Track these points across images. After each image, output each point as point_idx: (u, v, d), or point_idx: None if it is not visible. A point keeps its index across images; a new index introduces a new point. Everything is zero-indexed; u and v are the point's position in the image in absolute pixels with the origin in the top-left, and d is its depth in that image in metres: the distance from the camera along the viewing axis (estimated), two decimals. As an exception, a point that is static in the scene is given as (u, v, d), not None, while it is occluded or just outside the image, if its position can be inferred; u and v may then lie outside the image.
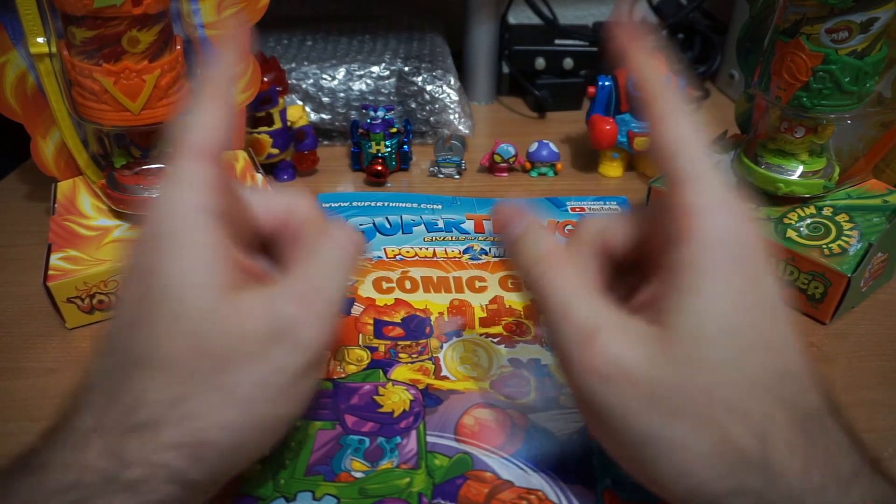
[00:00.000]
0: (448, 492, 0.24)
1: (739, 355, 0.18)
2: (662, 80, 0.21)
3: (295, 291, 0.20)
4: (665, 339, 0.18)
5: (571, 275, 0.20)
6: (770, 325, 0.19)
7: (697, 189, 0.19)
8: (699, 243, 0.19)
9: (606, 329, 0.19)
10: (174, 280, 0.19)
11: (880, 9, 0.30)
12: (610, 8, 0.67)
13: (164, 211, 0.20)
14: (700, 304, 0.18)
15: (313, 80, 0.49)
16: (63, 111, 0.34)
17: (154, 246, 0.19)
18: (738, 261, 0.19)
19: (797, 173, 0.35)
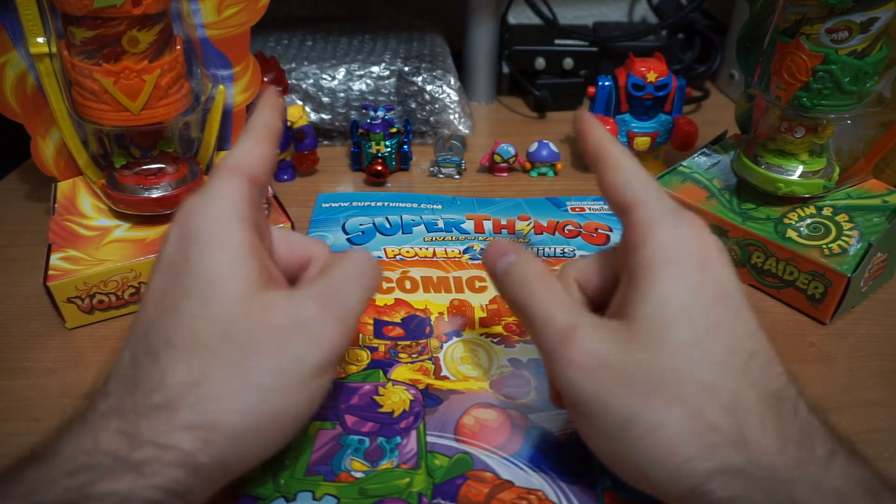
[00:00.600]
0: (448, 492, 0.24)
1: (700, 336, 0.20)
2: (613, 142, 0.25)
3: (316, 294, 0.22)
4: (632, 327, 0.20)
5: (553, 290, 0.23)
6: (728, 311, 0.21)
7: (647, 207, 0.22)
8: (653, 245, 0.21)
9: (583, 327, 0.21)
10: (208, 269, 0.20)
11: (880, 9, 0.30)
12: (610, 8, 0.67)
13: (200, 213, 0.21)
14: (658, 292, 0.20)
15: (313, 80, 0.49)
16: (63, 111, 0.34)
17: (188, 242, 0.21)
18: (690, 256, 0.21)
19: (797, 173, 0.35)
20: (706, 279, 0.21)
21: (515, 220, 0.41)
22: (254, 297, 0.21)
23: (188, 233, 0.21)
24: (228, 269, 0.21)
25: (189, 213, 0.22)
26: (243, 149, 0.24)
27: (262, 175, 0.24)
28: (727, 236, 0.37)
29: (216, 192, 0.22)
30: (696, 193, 0.39)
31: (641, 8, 0.66)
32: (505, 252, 0.25)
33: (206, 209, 0.21)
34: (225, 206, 0.22)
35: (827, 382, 0.30)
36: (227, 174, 0.22)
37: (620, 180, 0.23)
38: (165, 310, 0.20)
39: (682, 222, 0.22)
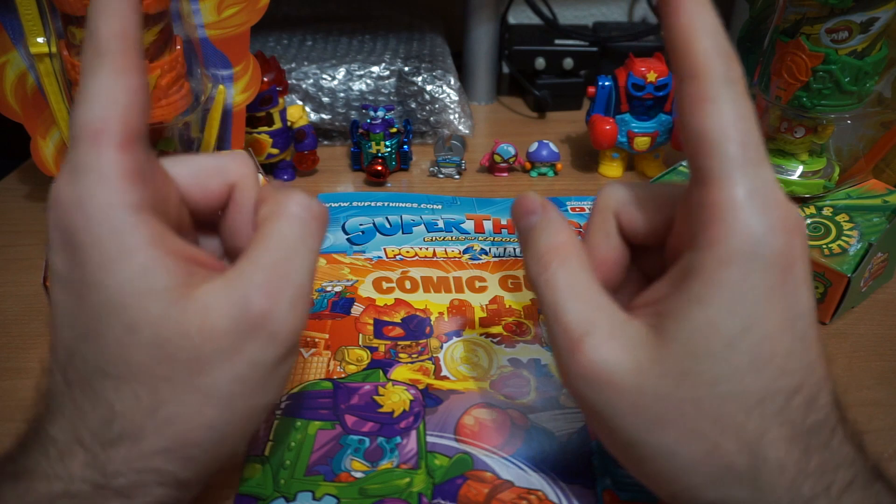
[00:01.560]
0: (448, 492, 0.24)
1: (740, 373, 0.17)
2: (716, 46, 0.17)
3: (261, 281, 0.18)
4: (659, 346, 0.17)
5: (570, 272, 0.19)
6: (787, 341, 0.17)
7: (731, 187, 0.17)
8: (718, 252, 0.17)
9: (596, 333, 0.18)
10: (118, 292, 0.17)
11: (880, 9, 0.30)
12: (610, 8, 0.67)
13: (79, 214, 0.17)
14: (704, 316, 0.17)
15: (313, 80, 0.49)
16: (63, 111, 0.34)
17: (78, 255, 0.17)
18: (767, 278, 0.17)
19: (797, 173, 0.36)
20: (776, 306, 0.17)
21: (515, 220, 0.41)
22: (184, 308, 0.17)
23: (73, 242, 0.17)
24: (140, 286, 0.17)
25: (65, 213, 0.17)
26: (103, 93, 0.17)
27: (139, 125, 0.17)
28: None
29: (88, 178, 0.17)
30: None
31: (641, 8, 0.66)
32: (531, 210, 0.21)
33: (85, 207, 0.16)
34: (110, 197, 0.16)
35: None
36: (95, 146, 0.17)
37: (708, 127, 0.17)
38: (83, 336, 0.17)
39: (769, 225, 0.16)
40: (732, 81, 0.17)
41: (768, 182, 0.17)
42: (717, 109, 0.17)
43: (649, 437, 0.18)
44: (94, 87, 0.17)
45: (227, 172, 0.21)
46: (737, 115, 0.17)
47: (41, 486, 0.17)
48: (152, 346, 0.17)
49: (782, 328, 0.17)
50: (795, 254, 0.17)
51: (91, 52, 0.17)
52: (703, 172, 0.17)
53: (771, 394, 0.17)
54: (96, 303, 0.17)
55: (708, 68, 0.17)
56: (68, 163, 0.17)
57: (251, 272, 0.18)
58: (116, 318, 0.17)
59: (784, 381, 0.17)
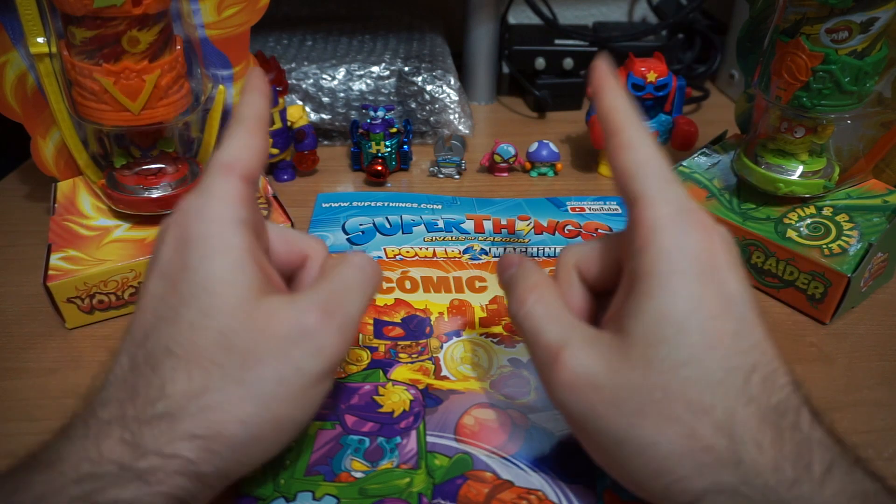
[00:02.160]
0: (448, 492, 0.24)
1: (696, 354, 0.19)
2: (628, 112, 0.22)
3: (318, 302, 0.21)
4: (624, 344, 0.20)
5: (544, 303, 0.22)
6: (731, 323, 0.19)
7: (653, 205, 0.20)
8: (656, 252, 0.20)
9: (572, 345, 0.21)
10: (207, 278, 0.20)
11: (880, 9, 0.30)
12: (610, 8, 0.67)
13: (198, 216, 0.21)
14: (655, 306, 0.19)
15: (313, 80, 0.49)
16: (63, 111, 0.34)
17: (187, 247, 0.20)
18: (695, 266, 0.19)
19: (797, 173, 0.35)
20: (710, 290, 0.19)
21: (515, 220, 0.41)
22: (254, 306, 0.20)
23: (186, 237, 0.21)
24: (228, 277, 0.20)
25: (186, 216, 0.21)
26: (236, 143, 0.23)
27: (257, 170, 0.23)
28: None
29: (213, 194, 0.21)
30: (696, 193, 0.38)
31: (641, 8, 0.66)
32: (510, 264, 0.25)
33: (204, 212, 0.21)
34: (223, 209, 0.21)
35: (827, 382, 0.30)
36: (223, 173, 0.22)
37: (629, 165, 0.21)
38: (164, 317, 0.20)
39: (689, 226, 0.20)
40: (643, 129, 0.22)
41: (682, 195, 0.21)
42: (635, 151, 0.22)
43: (631, 431, 0.19)
44: (232, 139, 0.23)
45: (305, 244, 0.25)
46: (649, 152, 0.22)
47: (69, 470, 0.18)
48: (219, 332, 0.19)
49: (722, 311, 0.19)
50: (715, 246, 0.20)
51: (234, 120, 0.24)
52: (631, 196, 0.21)
53: (728, 372, 0.19)
54: (187, 287, 0.20)
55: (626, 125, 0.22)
56: (200, 185, 0.22)
57: (313, 294, 0.22)
58: (198, 301, 0.20)
59: (737, 359, 0.19)
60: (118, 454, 0.18)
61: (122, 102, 0.31)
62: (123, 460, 0.18)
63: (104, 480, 0.18)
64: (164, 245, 0.21)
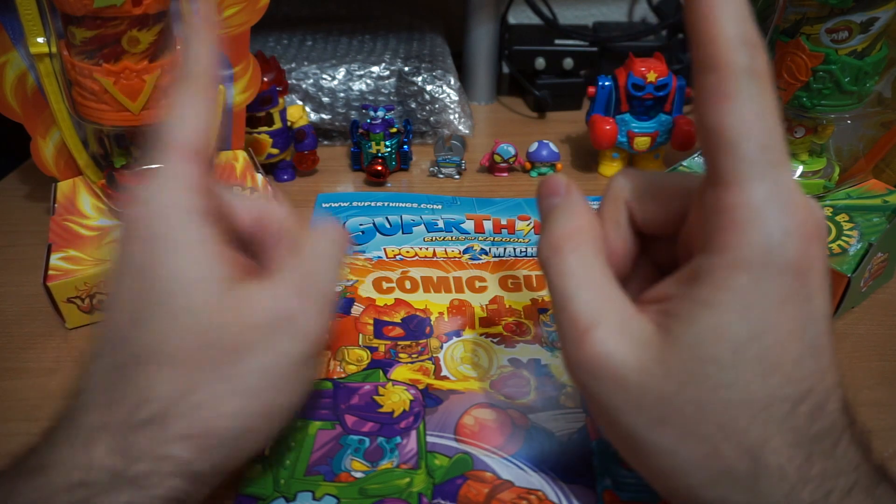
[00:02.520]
0: (448, 492, 0.24)
1: (747, 380, 0.16)
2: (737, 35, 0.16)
3: (293, 283, 0.21)
4: (665, 347, 0.17)
5: (582, 259, 0.19)
6: (798, 350, 0.16)
7: (746, 192, 0.16)
8: (731, 257, 0.16)
9: (604, 325, 0.18)
10: (174, 277, 0.19)
11: (880, 9, 0.30)
12: (610, 8, 0.67)
13: (154, 211, 0.20)
14: (712, 321, 0.16)
15: (313, 80, 0.49)
16: (63, 111, 0.34)
17: (147, 246, 0.20)
18: (773, 283, 0.16)
19: (797, 173, 0.36)
20: (789, 310, 0.16)
21: (515, 220, 0.41)
22: (227, 298, 0.19)
23: (143, 234, 0.20)
24: (196, 274, 0.19)
25: (144, 211, 0.20)
26: (187, 116, 0.21)
27: (209, 143, 0.21)
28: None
29: (165, 184, 0.20)
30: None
31: (641, 8, 0.66)
32: (554, 191, 0.21)
33: (158, 206, 0.20)
34: (177, 199, 0.20)
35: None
36: (172, 157, 0.20)
37: (726, 125, 0.16)
38: (137, 321, 0.19)
39: (787, 226, 0.16)
40: (756, 75, 0.16)
41: (787, 185, 0.16)
42: (736, 107, 0.16)
43: (649, 434, 0.18)
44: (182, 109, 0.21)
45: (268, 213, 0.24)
46: (757, 113, 0.16)
47: (59, 478, 0.17)
48: (193, 332, 0.19)
49: (792, 336, 0.16)
50: (812, 261, 0.16)
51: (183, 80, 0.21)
52: (718, 173, 0.16)
53: (777, 401, 0.16)
54: (151, 289, 0.19)
55: (729, 60, 0.16)
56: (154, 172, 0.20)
57: (286, 276, 0.21)
58: (166, 304, 0.19)
59: (791, 388, 0.17)
60: (109, 461, 0.18)
61: (122, 102, 0.31)
62: (115, 467, 0.18)
63: (96, 488, 0.17)
64: (128, 243, 0.20)
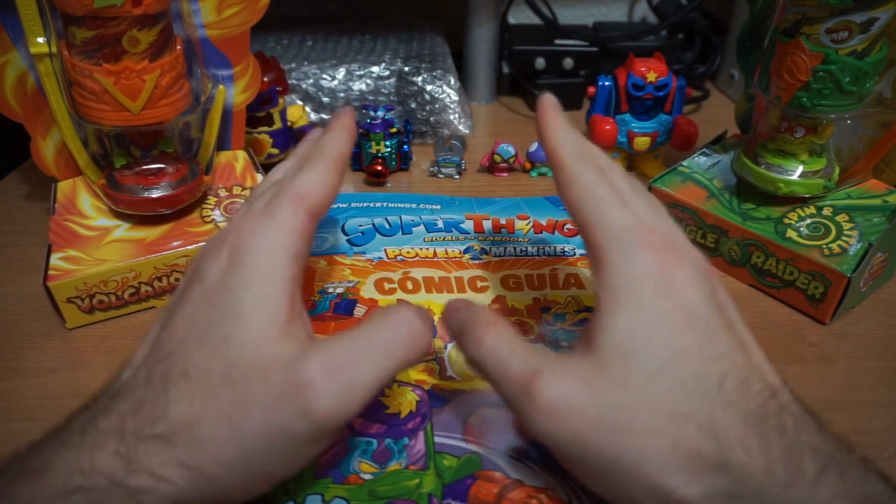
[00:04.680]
0: (458, 492, 0.24)
1: (666, 364, 0.19)
2: (562, 146, 0.24)
3: (326, 355, 0.19)
4: (597, 361, 0.20)
5: (502, 338, 0.21)
6: (695, 335, 0.20)
7: (601, 231, 0.21)
8: (610, 272, 0.21)
9: (544, 371, 0.20)
10: (241, 303, 0.20)
11: (880, 9, 0.30)
12: (610, 8, 0.67)
13: (257, 243, 0.21)
14: (619, 321, 0.20)
15: (313, 80, 0.49)
16: (63, 111, 0.34)
17: (234, 270, 0.20)
18: (648, 282, 0.20)
19: (797, 173, 0.36)
20: (668, 304, 0.20)
21: (514, 219, 0.41)
22: (267, 344, 0.19)
23: (238, 260, 0.20)
24: (259, 304, 0.20)
25: (246, 239, 0.21)
26: (314, 177, 0.23)
27: (326, 209, 0.23)
28: (727, 236, 0.37)
29: (278, 222, 0.21)
30: (696, 193, 0.39)
31: (641, 8, 0.67)
32: (456, 309, 0.23)
33: (264, 240, 0.21)
34: (283, 240, 0.21)
35: (827, 382, 0.30)
36: (294, 203, 0.22)
37: (575, 197, 0.22)
38: (191, 338, 0.20)
39: (637, 246, 0.21)
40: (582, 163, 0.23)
41: (628, 219, 0.21)
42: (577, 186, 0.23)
43: (619, 450, 0.19)
44: (310, 171, 0.23)
45: None
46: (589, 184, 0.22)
47: (58, 482, 0.17)
48: (229, 362, 0.19)
49: (685, 323, 0.20)
50: (668, 263, 0.20)
51: (317, 153, 0.24)
52: (582, 227, 0.22)
53: (701, 379, 0.19)
54: (221, 308, 0.20)
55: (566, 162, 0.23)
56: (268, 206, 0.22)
57: (323, 349, 0.20)
58: (225, 326, 0.19)
59: (707, 367, 0.19)
60: (110, 467, 0.18)
61: (122, 102, 0.31)
62: (115, 475, 0.18)
63: (94, 495, 0.17)
64: (214, 262, 0.21)
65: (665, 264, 0.20)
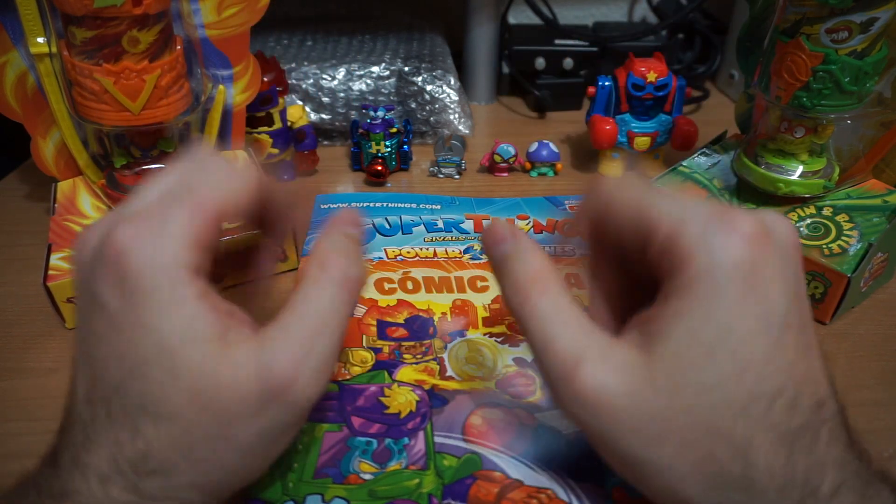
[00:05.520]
0: (458, 492, 0.24)
1: (724, 380, 0.18)
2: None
3: (289, 350, 0.19)
4: (649, 364, 0.18)
5: (553, 300, 0.20)
6: (764, 346, 0.18)
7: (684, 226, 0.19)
8: (689, 271, 0.18)
9: (590, 360, 0.19)
10: (166, 336, 0.18)
11: (880, 9, 0.30)
12: (610, 8, 0.67)
13: (147, 264, 0.18)
14: (684, 328, 0.18)
15: (313, 80, 0.49)
16: (63, 111, 0.34)
17: (135, 299, 0.18)
18: (727, 284, 0.18)
19: (797, 173, 0.36)
20: (746, 308, 0.18)
21: (514, 219, 0.41)
22: (219, 363, 0.18)
23: (130, 283, 0.18)
24: (188, 334, 0.18)
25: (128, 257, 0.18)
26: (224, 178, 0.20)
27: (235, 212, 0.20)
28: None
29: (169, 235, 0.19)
30: (696, 193, 0.39)
31: (641, 8, 0.67)
32: (501, 238, 0.22)
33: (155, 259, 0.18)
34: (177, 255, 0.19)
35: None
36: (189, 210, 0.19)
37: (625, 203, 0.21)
38: (131, 374, 0.18)
39: (728, 234, 0.18)
40: None
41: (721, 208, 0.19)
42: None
43: (648, 454, 0.18)
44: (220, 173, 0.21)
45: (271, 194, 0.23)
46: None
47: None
48: (190, 392, 0.18)
49: (756, 332, 0.18)
50: (759, 261, 0.18)
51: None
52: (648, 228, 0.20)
53: (754, 399, 0.18)
54: (145, 344, 0.18)
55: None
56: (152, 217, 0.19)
57: (282, 340, 0.19)
58: (161, 361, 0.18)
59: (765, 385, 0.18)
60: (126, 498, 0.18)
61: (122, 102, 0.31)
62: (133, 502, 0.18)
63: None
64: (104, 287, 0.19)
65: (754, 257, 0.18)
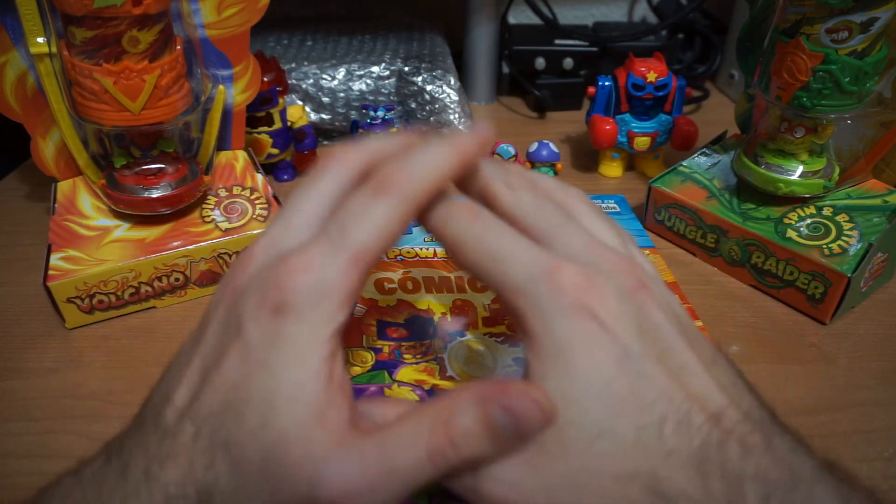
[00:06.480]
0: (452, 492, 0.24)
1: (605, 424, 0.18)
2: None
3: (348, 478, 0.18)
4: (536, 439, 0.18)
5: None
6: (629, 383, 0.18)
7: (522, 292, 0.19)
8: (536, 339, 0.19)
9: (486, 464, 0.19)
10: (279, 386, 0.18)
11: (880, 9, 0.30)
12: (610, 8, 0.67)
13: (302, 319, 0.18)
14: (555, 386, 0.18)
15: (313, 80, 0.49)
16: (63, 111, 0.34)
17: (277, 343, 0.18)
18: (576, 335, 0.18)
19: (797, 173, 0.36)
20: (596, 356, 0.18)
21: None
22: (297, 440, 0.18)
23: (279, 326, 0.18)
24: (294, 393, 0.18)
25: (288, 305, 0.18)
26: (379, 223, 0.19)
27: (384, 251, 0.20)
28: (727, 236, 0.37)
29: (332, 288, 0.18)
30: (696, 193, 0.39)
31: (641, 8, 0.67)
32: None
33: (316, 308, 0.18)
34: (328, 318, 0.18)
35: (827, 382, 0.30)
36: (351, 263, 0.19)
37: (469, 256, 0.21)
38: (232, 408, 0.18)
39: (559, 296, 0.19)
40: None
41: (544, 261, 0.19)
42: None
43: None
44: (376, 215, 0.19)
45: None
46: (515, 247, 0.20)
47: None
48: (265, 451, 0.18)
49: (615, 371, 0.18)
50: (595, 309, 0.19)
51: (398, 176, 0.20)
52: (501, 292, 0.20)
53: (640, 431, 0.18)
54: (258, 387, 0.18)
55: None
56: (316, 265, 0.19)
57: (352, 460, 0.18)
58: (262, 408, 0.18)
59: (645, 416, 0.18)
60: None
61: (122, 102, 0.31)
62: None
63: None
64: (253, 317, 0.19)
65: (583, 305, 0.19)
